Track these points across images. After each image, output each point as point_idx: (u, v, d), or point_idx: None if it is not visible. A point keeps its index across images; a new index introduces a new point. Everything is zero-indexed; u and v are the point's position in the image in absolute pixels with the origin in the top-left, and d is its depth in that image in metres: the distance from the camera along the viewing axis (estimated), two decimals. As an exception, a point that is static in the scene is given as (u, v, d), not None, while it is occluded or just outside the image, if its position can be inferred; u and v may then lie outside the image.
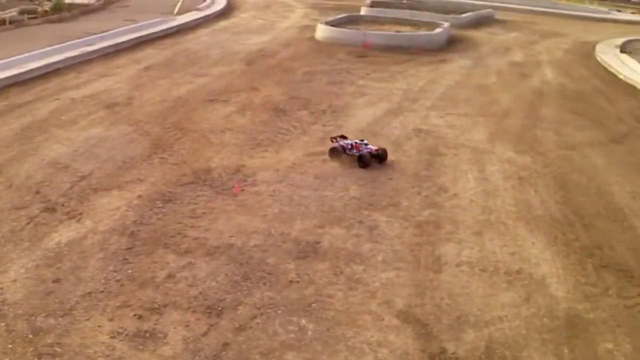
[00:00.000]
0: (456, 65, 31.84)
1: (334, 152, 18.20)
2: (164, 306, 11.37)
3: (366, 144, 18.20)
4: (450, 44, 37.22)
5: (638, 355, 10.88)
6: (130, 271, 12.31)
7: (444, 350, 10.66)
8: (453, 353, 10.62)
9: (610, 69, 33.09)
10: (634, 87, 29.30)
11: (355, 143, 18.18)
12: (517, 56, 35.38)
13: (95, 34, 31.97)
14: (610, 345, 11.09)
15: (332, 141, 18.48)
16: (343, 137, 18.64)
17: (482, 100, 25.53)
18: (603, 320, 11.74)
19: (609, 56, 35.48)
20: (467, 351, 10.68)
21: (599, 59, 35.44)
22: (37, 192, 15.34)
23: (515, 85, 28.55)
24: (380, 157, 18.06)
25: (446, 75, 29.43)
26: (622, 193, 17.10)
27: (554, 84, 29.24)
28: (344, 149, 18.08)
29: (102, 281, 11.96)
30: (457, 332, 11.12)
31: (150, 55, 30.30)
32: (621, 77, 31.36)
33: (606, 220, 15.55)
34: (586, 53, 37.04)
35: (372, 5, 47.44)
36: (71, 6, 39.85)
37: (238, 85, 25.46)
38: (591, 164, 19.18)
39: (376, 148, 18.10)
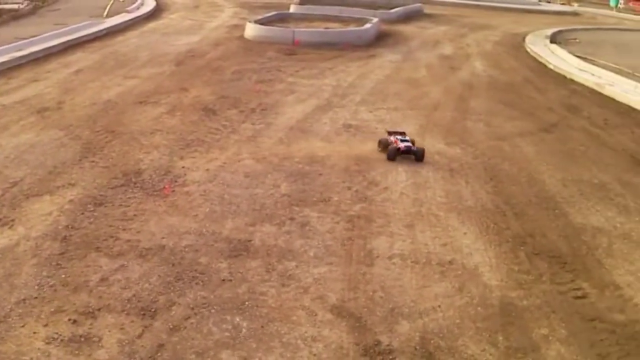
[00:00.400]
0: (386, 60, 32.06)
1: (380, 144, 19.02)
2: (98, 310, 11.26)
3: (404, 139, 18.67)
4: (380, 39, 37.48)
5: (573, 339, 11.05)
6: (63, 276, 12.17)
7: (378, 343, 10.72)
8: (387, 345, 10.69)
9: (540, 59, 33.63)
10: (564, 77, 29.84)
11: (395, 138, 18.69)
12: (447, 49, 35.75)
13: (25, 38, 31.52)
14: (545, 331, 11.26)
15: (388, 135, 19.07)
16: (401, 133, 19.30)
17: (411, 93, 25.74)
18: (537, 306, 11.91)
19: (539, 47, 36.05)
20: (401, 342, 10.76)
21: (528, 50, 35.99)
22: (-34, 201, 15.13)
23: (444, 78, 28.85)
24: (416, 155, 18.41)
25: (376, 70, 29.63)
26: (552, 181, 17.41)
27: (483, 75, 29.62)
28: (386, 143, 18.77)
29: (36, 287, 11.81)
30: (391, 324, 11.19)
31: (80, 58, 30.00)
32: (551, 67, 31.90)
33: (538, 208, 15.81)
34: (516, 44, 37.60)
35: (302, 2, 47.55)
36: (1, 11, 39.27)
37: (167, 86, 25.34)
38: (522, 153, 19.47)
39: (407, 146, 18.45)
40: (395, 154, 18.35)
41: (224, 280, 12.28)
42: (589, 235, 14.62)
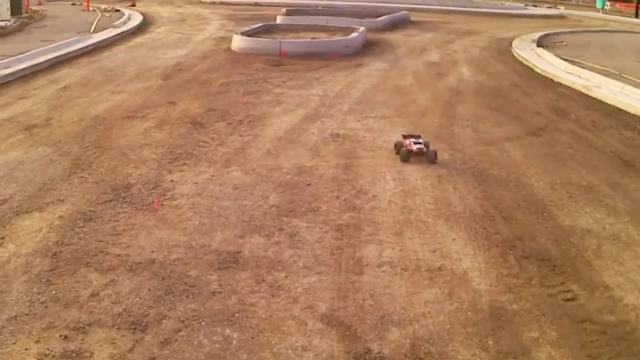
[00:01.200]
0: (373, 69, 32.14)
1: (396, 147, 19.42)
2: (89, 325, 11.26)
3: (417, 142, 19.03)
4: (367, 48, 37.56)
5: (564, 342, 11.08)
6: (54, 292, 12.16)
7: (369, 351, 10.74)
8: (378, 353, 10.70)
9: (527, 63, 33.77)
10: (551, 80, 29.97)
11: (410, 141, 19.02)
12: (434, 56, 35.85)
13: (13, 56, 31.51)
14: (535, 334, 11.27)
15: (404, 138, 19.45)
16: (416, 136, 19.57)
17: (399, 101, 25.80)
18: (527, 310, 11.94)
19: (526, 51, 36.19)
20: (392, 350, 10.78)
21: (515, 54, 36.12)
22: (-44, 220, 15.14)
23: (432, 85, 28.93)
24: (428, 157, 18.87)
25: (363, 80, 29.68)
26: (541, 184, 17.47)
27: (471, 81, 29.71)
28: (400, 146, 19.21)
29: (27, 304, 11.81)
30: (382, 332, 11.21)
31: (68, 75, 29.99)
32: (538, 70, 32.03)
33: (527, 212, 15.86)
34: (503, 50, 37.74)
35: (288, 14, 47.72)
36: (-13, 30, 39.27)
37: (155, 101, 25.35)
38: (510, 158, 19.54)
39: (420, 148, 18.86)
40: (408, 156, 18.70)
41: (214, 292, 12.29)
42: (578, 237, 14.67)
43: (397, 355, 10.68)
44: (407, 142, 18.98)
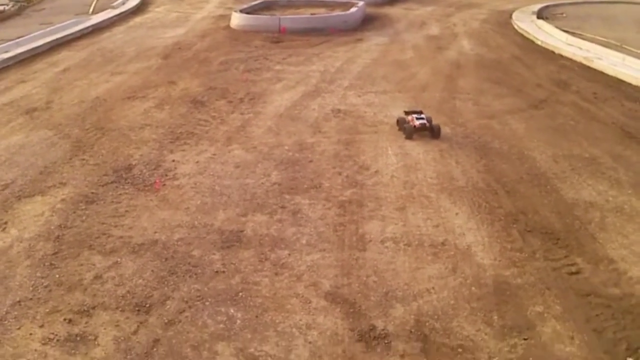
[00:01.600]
0: (372, 43, 31.96)
1: (398, 124, 19.32)
2: (93, 308, 11.28)
3: (419, 117, 18.87)
4: (366, 23, 37.35)
5: (568, 315, 11.06)
6: (57, 276, 12.17)
7: (373, 327, 10.74)
8: (383, 329, 10.70)
9: (527, 35, 33.51)
10: (552, 52, 29.75)
11: (412, 117, 18.88)
12: (434, 30, 35.63)
13: (11, 40, 31.35)
14: (540, 308, 11.26)
15: (405, 115, 19.28)
16: (418, 112, 19.41)
17: (399, 76, 25.67)
18: (531, 284, 11.92)
19: (526, 23, 35.92)
20: (396, 326, 10.77)
21: (515, 26, 35.85)
22: (-43, 205, 15.11)
23: (432, 58, 28.76)
24: (432, 132, 18.80)
25: (363, 54, 29.52)
26: (543, 157, 17.38)
27: (471, 54, 29.53)
28: (402, 122, 19.06)
29: (31, 288, 11.82)
30: (386, 308, 11.21)
31: (67, 57, 29.82)
32: (538, 42, 31.79)
33: (529, 185, 15.79)
34: (503, 22, 37.47)
35: (287, -11, 47.45)
36: (-14, 14, 39.08)
37: (155, 80, 25.24)
38: (511, 131, 19.44)
39: (422, 123, 18.73)
40: (412, 132, 18.56)
41: (217, 272, 12.29)
42: (581, 210, 14.60)
43: (401, 331, 10.67)
44: (409, 117, 18.85)
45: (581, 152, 17.72)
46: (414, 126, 18.60)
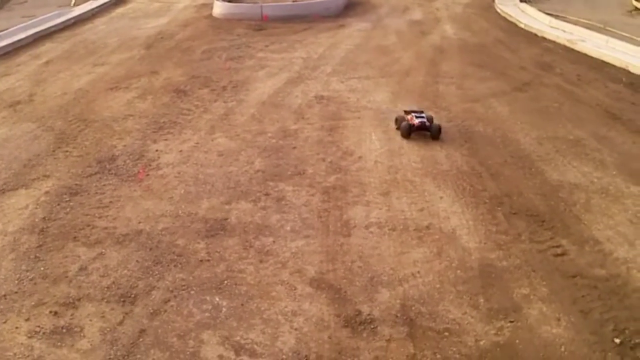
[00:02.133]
0: (355, 29, 31.90)
1: (397, 122, 18.47)
2: (79, 300, 11.28)
3: (419, 116, 17.97)
4: (348, 9, 37.26)
5: (554, 297, 11.09)
6: (42, 269, 12.16)
7: (359, 313, 10.74)
8: (368, 314, 10.70)
9: (510, 19, 33.52)
10: (535, 35, 29.78)
11: (411, 116, 18.07)
12: (416, 15, 35.61)
13: (-6, 33, 31.23)
14: (526, 291, 11.30)
15: (405, 113, 18.41)
16: (418, 111, 18.43)
17: (382, 61, 25.63)
18: (517, 266, 11.95)
19: (509, 7, 35.91)
20: (382, 311, 10.78)
21: (499, 10, 35.84)
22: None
23: (415, 43, 28.73)
24: (431, 132, 17.79)
25: (345, 40, 29.47)
26: (528, 139, 17.39)
27: (454, 39, 29.52)
28: (401, 120, 18.25)
29: (16, 282, 11.81)
30: (371, 293, 11.21)
31: (50, 49, 29.68)
32: (522, 25, 31.81)
33: (514, 167, 15.80)
34: (486, 6, 37.44)
35: (268, -23, 47.33)
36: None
37: (138, 71, 25.14)
38: (496, 114, 19.44)
39: (420, 122, 17.76)
40: (409, 131, 17.83)
41: (201, 260, 12.28)
42: (566, 192, 14.62)
43: (387, 316, 10.68)
44: (409, 116, 18.29)
45: (565, 134, 17.73)
46: (413, 125, 17.89)
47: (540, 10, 33.62)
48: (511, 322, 10.59)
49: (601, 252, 12.35)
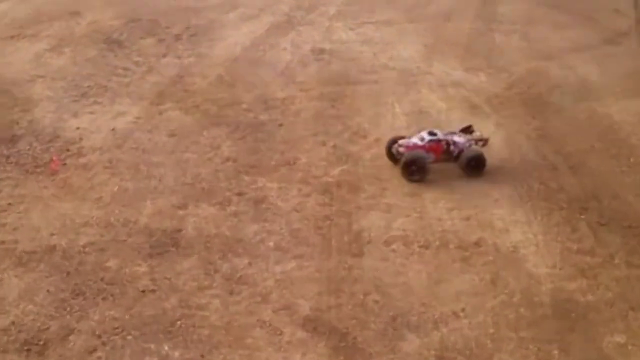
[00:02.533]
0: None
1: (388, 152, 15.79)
2: (-38, 350, 11.28)
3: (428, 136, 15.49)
4: None
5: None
6: None
7: (379, 373, 10.75)
8: (393, 374, 10.72)
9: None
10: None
11: (414, 144, 15.53)
12: None
13: None
14: (621, 339, 11.26)
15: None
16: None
17: (411, -2, 25.78)
18: (608, 302, 11.90)
19: None
20: (411, 366, 10.79)
21: None
22: None
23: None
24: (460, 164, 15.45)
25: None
26: (624, 116, 17.43)
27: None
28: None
29: None
30: (394, 341, 11.14)
31: None
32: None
33: (604, 156, 15.81)
34: None
35: None
36: None
37: (51, 11, 25.23)
38: (579, 78, 19.50)
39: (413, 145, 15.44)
40: (424, 171, 15.14)
41: (143, 291, 12.23)
42: (680, 193, 14.64)
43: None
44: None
45: (679, 108, 17.78)
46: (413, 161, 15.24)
47: None
48: (600, 385, 10.63)
49: None
